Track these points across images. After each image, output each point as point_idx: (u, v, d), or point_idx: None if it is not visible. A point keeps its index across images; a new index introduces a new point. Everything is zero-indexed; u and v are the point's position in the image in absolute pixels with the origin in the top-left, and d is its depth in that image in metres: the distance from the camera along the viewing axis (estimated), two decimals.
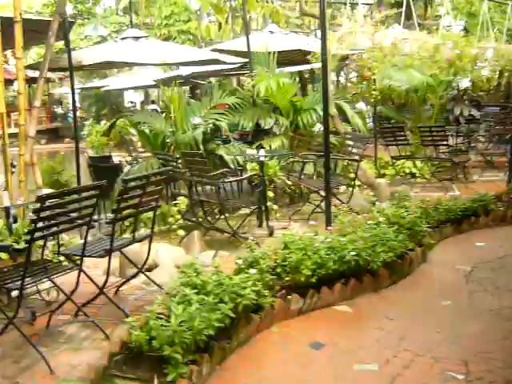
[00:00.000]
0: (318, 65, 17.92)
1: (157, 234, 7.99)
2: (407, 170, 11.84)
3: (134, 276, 5.46)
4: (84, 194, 4.20)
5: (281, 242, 5.82)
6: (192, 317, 3.94)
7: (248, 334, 4.64)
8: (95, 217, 5.18)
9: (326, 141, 6.17)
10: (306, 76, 19.74)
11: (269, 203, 7.52)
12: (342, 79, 26.78)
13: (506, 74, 19.94)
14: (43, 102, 36.43)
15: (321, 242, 5.65)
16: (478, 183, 11.09)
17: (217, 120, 9.15)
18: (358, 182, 8.84)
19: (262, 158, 7.31)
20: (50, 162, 10.30)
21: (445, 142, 10.42)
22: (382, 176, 11.79)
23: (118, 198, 4.38)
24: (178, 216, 7.06)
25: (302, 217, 8.66)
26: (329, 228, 6.14)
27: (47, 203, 3.70)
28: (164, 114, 9.32)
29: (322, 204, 8.38)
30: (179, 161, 7.67)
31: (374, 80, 11.56)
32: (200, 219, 7.43)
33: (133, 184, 4.61)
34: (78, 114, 36.42)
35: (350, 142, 8.82)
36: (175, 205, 7.10)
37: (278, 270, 5.36)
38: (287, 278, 5.30)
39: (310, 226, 6.31)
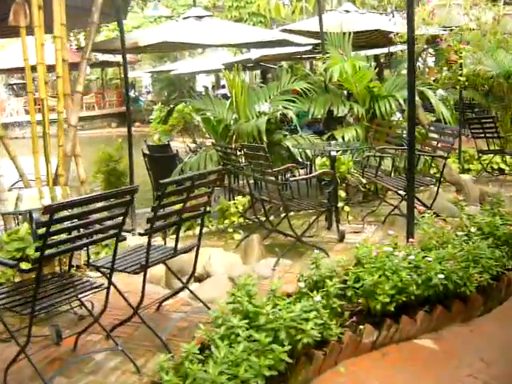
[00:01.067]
0: (396, 48, 16.78)
1: (213, 233, 7.26)
2: (495, 166, 10.59)
3: (178, 291, 4.70)
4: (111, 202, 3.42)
5: (354, 255, 4.92)
6: (237, 361, 3.11)
7: (307, 376, 3.76)
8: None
9: (410, 133, 5.16)
10: (382, 61, 18.50)
11: (340, 204, 6.59)
12: (419, 64, 25.21)
13: None
14: (115, 85, 36.75)
15: (402, 258, 4.70)
16: None
17: (284, 108, 8.23)
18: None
19: (333, 153, 6.36)
20: (108, 148, 9.65)
21: None
22: (467, 171, 10.60)
23: (154, 206, 3.59)
24: (235, 218, 6.21)
25: (377, 218, 7.68)
26: (411, 240, 5.16)
27: (60, 214, 2.94)
28: (229, 101, 8.48)
29: (401, 205, 7.40)
30: (239, 153, 6.86)
31: (461, 64, 10.38)
32: (261, 219, 6.60)
33: (174, 188, 3.80)
34: (150, 97, 36.50)
35: (435, 135, 7.72)
36: (234, 204, 6.26)
37: (349, 293, 4.45)
38: (359, 305, 4.40)
39: (388, 235, 5.34)
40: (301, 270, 5.78)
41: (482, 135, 9.94)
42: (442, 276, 4.42)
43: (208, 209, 4.36)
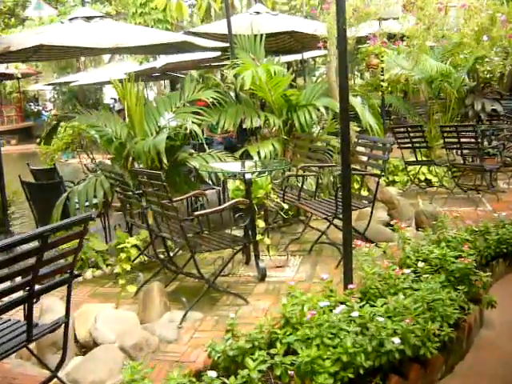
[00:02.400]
0: (311, 54, 15.97)
1: (107, 277, 5.96)
2: (422, 177, 9.85)
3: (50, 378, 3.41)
4: None
5: (280, 313, 3.80)
6: None
7: None
8: None
9: (344, 149, 4.11)
10: (295, 68, 17.71)
11: (259, 236, 5.46)
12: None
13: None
14: (16, 99, 34.21)
15: (342, 315, 3.61)
16: (510, 194, 9.12)
17: (193, 120, 7.01)
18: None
19: (248, 175, 5.23)
20: None
21: (474, 145, 8.37)
22: (392, 184, 9.80)
23: None
24: (127, 265, 4.91)
25: (301, 247, 6.63)
26: (350, 287, 4.09)
27: None
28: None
29: (329, 230, 6.38)
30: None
31: (382, 69, 9.60)
32: (164, 259, 5.38)
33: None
34: (54, 111, 34.20)
35: (362, 149, 6.77)
36: (122, 249, 4.92)
37: (278, 371, 3.30)
38: None
39: (321, 279, 4.26)
40: (214, 326, 4.64)
41: (409, 145, 9.13)
42: (397, 340, 3.36)
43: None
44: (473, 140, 8.26)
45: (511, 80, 18.20)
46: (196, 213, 4.55)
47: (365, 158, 6.49)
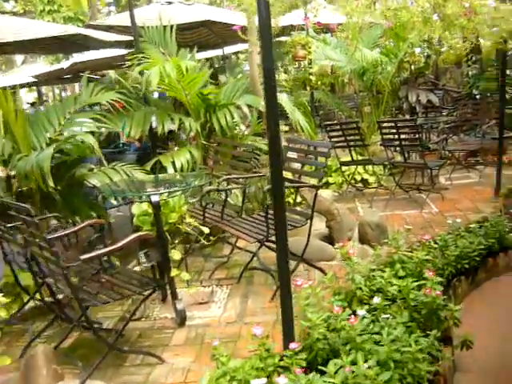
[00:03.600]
0: (233, 48, 14.94)
1: None
2: (358, 177, 9.02)
3: None
4: None
5: None
6: None
7: None
8: None
9: (274, 155, 3.08)
10: (216, 66, 16.67)
11: (174, 271, 4.38)
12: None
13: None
14: None
15: None
16: (453, 191, 8.42)
17: (91, 128, 5.82)
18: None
19: (155, 198, 4.14)
20: None
21: (415, 141, 7.57)
22: (326, 186, 8.93)
23: None
24: (3, 313, 3.74)
25: (229, 273, 5.62)
26: (292, 346, 3.07)
27: None
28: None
29: (261, 251, 5.39)
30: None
31: (310, 61, 8.70)
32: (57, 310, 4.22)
33: None
34: None
35: (293, 155, 5.82)
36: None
37: None
38: None
39: (255, 329, 3.25)
40: None
41: (344, 144, 8.26)
42: None
43: None
44: (413, 136, 7.46)
45: (436, 69, 17.88)
46: (83, 257, 3.42)
47: (298, 165, 5.52)
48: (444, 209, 7.50)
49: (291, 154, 5.66)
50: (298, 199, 6.54)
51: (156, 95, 14.70)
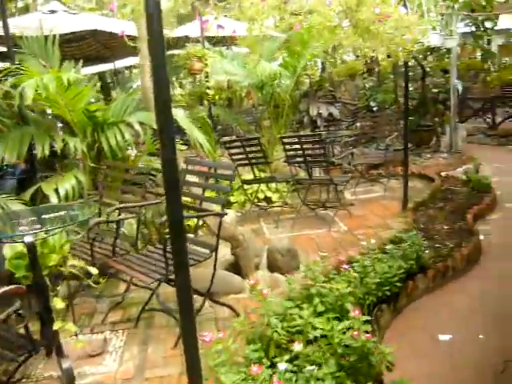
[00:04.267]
0: (125, 62, 14.11)
1: None
2: (261, 195, 8.57)
3: None
4: None
5: None
6: None
7: None
8: None
9: (170, 192, 2.47)
10: (109, 81, 15.80)
11: (58, 324, 3.65)
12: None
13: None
14: None
15: None
16: (359, 206, 8.16)
17: None
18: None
19: (28, 238, 3.41)
20: None
21: (319, 157, 7.19)
22: (228, 205, 8.40)
23: None
24: None
25: (126, 315, 4.92)
26: None
27: None
28: None
29: (160, 288, 4.73)
30: None
31: (207, 74, 8.19)
32: None
33: None
34: None
35: (192, 178, 5.23)
36: None
37: None
38: None
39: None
40: None
41: (245, 161, 7.76)
42: None
43: None
44: (318, 151, 7.09)
45: (332, 82, 17.94)
46: None
47: (197, 190, 4.93)
48: (353, 226, 7.19)
49: (191, 177, 5.07)
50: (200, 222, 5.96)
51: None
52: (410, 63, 13.05)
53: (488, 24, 15.51)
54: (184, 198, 4.93)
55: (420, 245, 5.17)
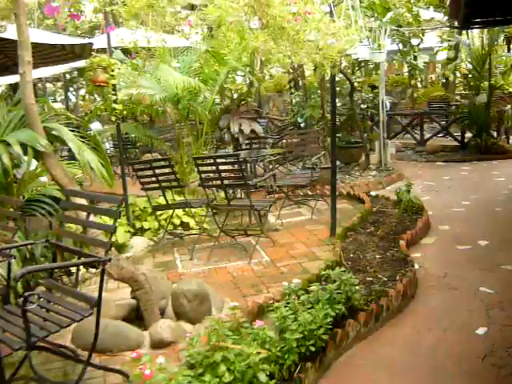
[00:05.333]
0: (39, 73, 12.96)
1: None
2: (177, 221, 7.71)
3: None
4: None
5: None
6: None
7: None
8: None
9: None
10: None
11: None
12: (70, 94, 21.36)
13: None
14: None
15: None
16: (284, 232, 7.45)
17: None
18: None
19: None
20: None
21: (239, 179, 6.40)
22: (141, 232, 7.52)
23: None
24: None
25: None
26: None
27: None
28: None
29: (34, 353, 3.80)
30: None
31: (114, 87, 7.30)
32: None
33: None
34: None
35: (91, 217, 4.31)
36: None
37: None
38: None
39: None
40: None
41: (156, 185, 6.89)
42: None
43: None
44: (237, 174, 6.30)
45: (259, 97, 17.33)
46: None
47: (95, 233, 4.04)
48: (276, 257, 6.43)
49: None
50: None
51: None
52: (337, 78, 12.70)
53: (414, 41, 15.37)
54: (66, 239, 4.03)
55: (350, 284, 4.45)
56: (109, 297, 5.07)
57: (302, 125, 12.45)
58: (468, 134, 14.18)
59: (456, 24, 11.96)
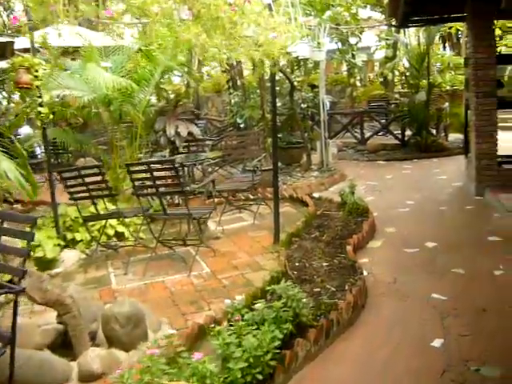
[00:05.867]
0: None
1: None
2: (111, 231, 7.20)
3: None
4: None
5: None
6: None
7: None
8: None
9: None
10: None
11: None
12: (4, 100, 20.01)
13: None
14: None
15: None
16: (226, 240, 7.10)
17: None
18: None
19: None
20: None
21: (176, 187, 5.97)
22: (72, 244, 6.98)
23: None
24: None
25: None
26: None
27: None
28: None
29: None
30: None
31: (39, 89, 6.76)
32: None
33: None
34: None
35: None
36: None
37: None
38: None
39: None
40: None
41: (86, 194, 6.37)
42: None
43: None
44: (174, 181, 5.87)
45: (197, 98, 16.90)
46: None
47: None
48: (218, 268, 6.03)
49: None
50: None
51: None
52: (277, 77, 12.40)
53: (352, 40, 15.32)
54: None
55: (298, 299, 4.10)
56: (33, 321, 4.58)
57: (242, 126, 12.09)
58: (408, 132, 14.19)
59: (394, 22, 11.90)
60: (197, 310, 4.91)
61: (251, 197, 8.78)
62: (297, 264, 5.84)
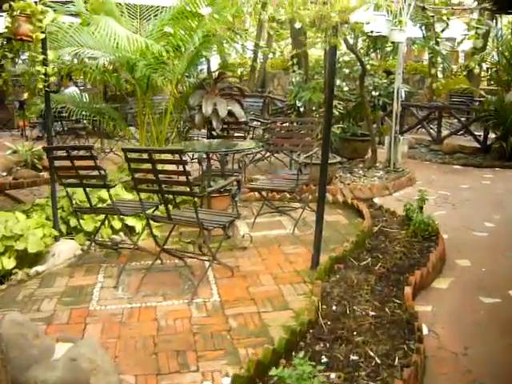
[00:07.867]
0: None
1: None
2: (117, 224, 5.87)
3: None
4: None
5: None
6: None
7: None
8: None
9: None
10: None
11: None
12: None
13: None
14: None
15: None
16: (252, 253, 5.66)
17: None
18: None
19: None
20: None
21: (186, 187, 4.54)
22: (76, 232, 5.74)
23: None
24: None
25: None
26: None
27: None
28: None
29: None
30: None
31: (43, 44, 5.47)
32: None
33: None
34: None
35: None
36: None
37: None
38: None
39: None
40: None
41: (77, 180, 5.02)
42: None
43: None
44: (181, 177, 4.41)
45: (264, 74, 15.42)
46: None
47: None
48: (230, 297, 4.58)
49: None
50: None
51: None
52: (347, 58, 10.74)
53: (438, 27, 13.46)
54: None
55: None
56: None
57: (302, 110, 10.53)
58: (491, 135, 12.30)
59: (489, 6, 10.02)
60: (179, 368, 3.48)
61: (297, 198, 7.25)
62: (334, 308, 4.32)
